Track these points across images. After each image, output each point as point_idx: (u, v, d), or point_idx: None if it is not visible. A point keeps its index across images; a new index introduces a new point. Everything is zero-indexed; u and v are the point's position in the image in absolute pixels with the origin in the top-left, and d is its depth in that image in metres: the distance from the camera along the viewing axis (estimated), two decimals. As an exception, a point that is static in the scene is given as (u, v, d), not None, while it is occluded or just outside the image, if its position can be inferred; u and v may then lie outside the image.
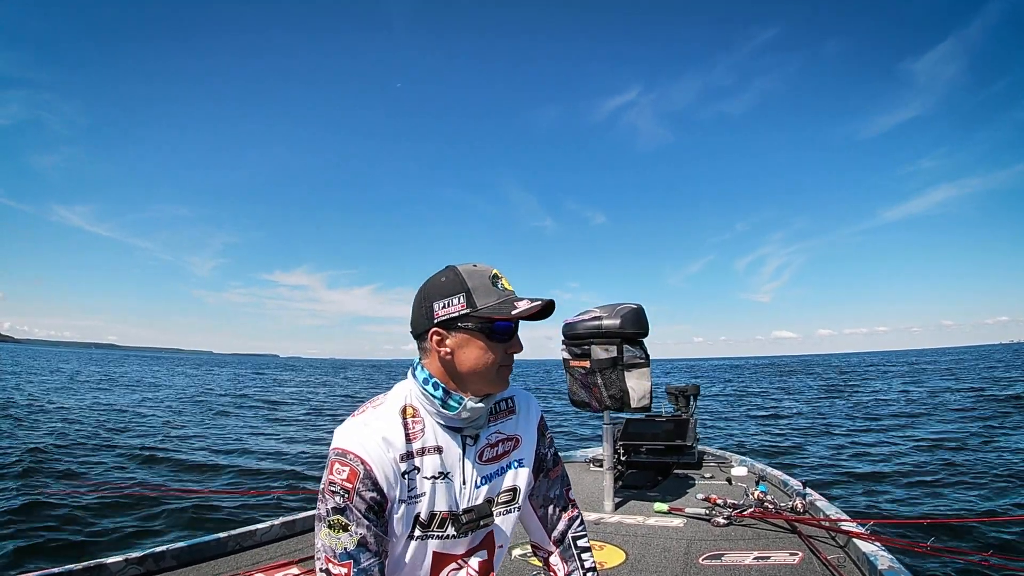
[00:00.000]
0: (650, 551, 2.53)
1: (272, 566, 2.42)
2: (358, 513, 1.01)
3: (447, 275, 1.12)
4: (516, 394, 1.29)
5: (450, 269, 1.13)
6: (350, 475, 1.02)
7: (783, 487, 3.49)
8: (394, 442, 1.07)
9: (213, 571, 2.37)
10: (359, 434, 1.06)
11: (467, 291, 1.09)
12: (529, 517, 1.31)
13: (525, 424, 1.27)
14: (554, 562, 1.31)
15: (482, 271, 1.12)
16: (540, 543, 1.33)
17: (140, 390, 25.20)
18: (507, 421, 1.25)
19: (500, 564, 1.29)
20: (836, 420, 12.46)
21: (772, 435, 11.08)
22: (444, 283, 1.11)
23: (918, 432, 9.86)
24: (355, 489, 1.01)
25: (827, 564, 2.19)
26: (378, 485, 1.03)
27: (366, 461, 1.03)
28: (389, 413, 1.11)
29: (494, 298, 1.08)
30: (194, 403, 20.39)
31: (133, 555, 2.32)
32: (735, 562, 2.32)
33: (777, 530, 2.72)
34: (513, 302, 1.08)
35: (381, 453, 1.05)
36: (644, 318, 3.33)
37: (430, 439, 1.12)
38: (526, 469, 1.25)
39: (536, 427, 1.29)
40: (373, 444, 1.05)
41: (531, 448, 1.27)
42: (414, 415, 1.13)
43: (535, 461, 1.28)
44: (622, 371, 3.23)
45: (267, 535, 2.80)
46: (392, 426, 1.09)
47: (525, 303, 1.08)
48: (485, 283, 1.10)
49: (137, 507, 6.13)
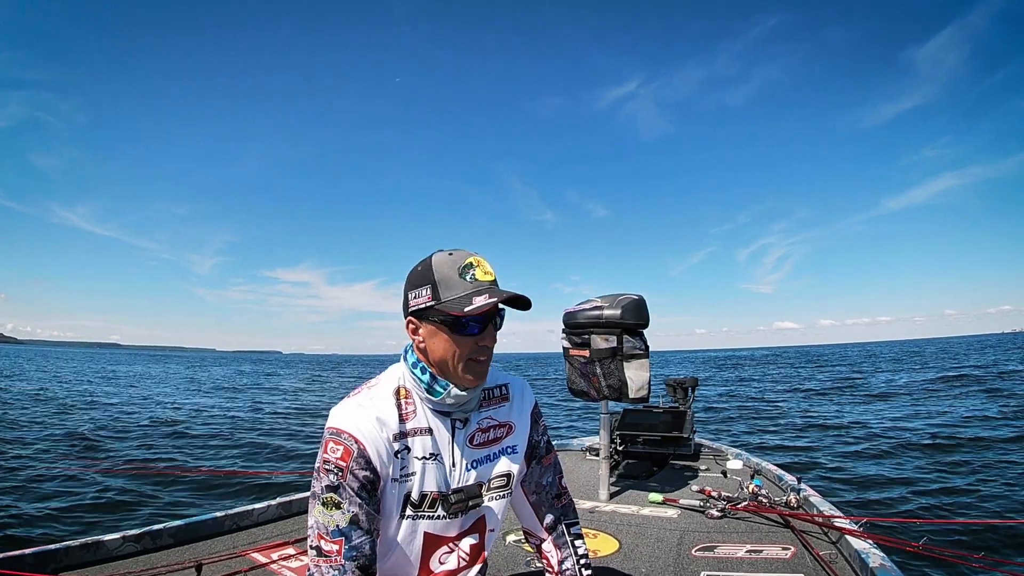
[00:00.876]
0: (644, 541, 2.55)
1: (269, 546, 2.43)
2: (351, 491, 1.03)
3: (423, 264, 1.12)
4: (511, 381, 1.30)
5: (429, 257, 1.12)
6: (344, 454, 1.04)
7: (778, 482, 3.50)
8: (388, 422, 1.10)
9: (210, 550, 2.38)
10: (354, 414, 1.08)
11: (432, 283, 1.08)
12: (521, 504, 1.33)
13: (519, 411, 1.28)
14: (547, 549, 1.32)
15: (453, 261, 1.09)
16: (532, 530, 1.35)
17: (151, 384, 25.82)
18: (500, 407, 1.26)
19: (491, 548, 1.31)
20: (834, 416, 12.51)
21: (768, 429, 11.13)
22: (418, 272, 1.11)
23: (918, 428, 9.89)
24: (349, 468, 1.04)
25: (819, 560, 2.20)
26: (371, 464, 1.05)
27: (360, 440, 1.05)
28: (383, 394, 1.14)
29: (458, 291, 1.07)
30: (198, 392, 20.72)
31: (130, 532, 2.34)
32: (727, 554, 2.34)
33: (770, 524, 2.74)
34: (472, 296, 1.06)
35: (375, 432, 1.07)
36: (645, 309, 3.32)
37: (421, 420, 1.14)
38: (519, 456, 1.27)
39: (530, 414, 1.30)
40: (367, 424, 1.07)
41: (524, 435, 1.29)
42: (407, 396, 1.15)
43: (528, 448, 1.30)
44: (621, 361, 3.23)
45: (264, 515, 2.82)
46: (386, 407, 1.12)
47: (482, 299, 1.05)
48: (452, 274, 1.08)
49: (135, 484, 6.20)
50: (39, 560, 2.05)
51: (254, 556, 2.33)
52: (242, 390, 23.48)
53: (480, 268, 1.10)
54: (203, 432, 10.78)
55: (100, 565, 2.18)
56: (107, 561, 2.21)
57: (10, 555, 2.00)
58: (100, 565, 2.18)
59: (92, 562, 2.19)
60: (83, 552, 2.18)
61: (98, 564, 2.19)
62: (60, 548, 2.13)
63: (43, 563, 2.06)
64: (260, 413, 14.57)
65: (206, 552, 2.35)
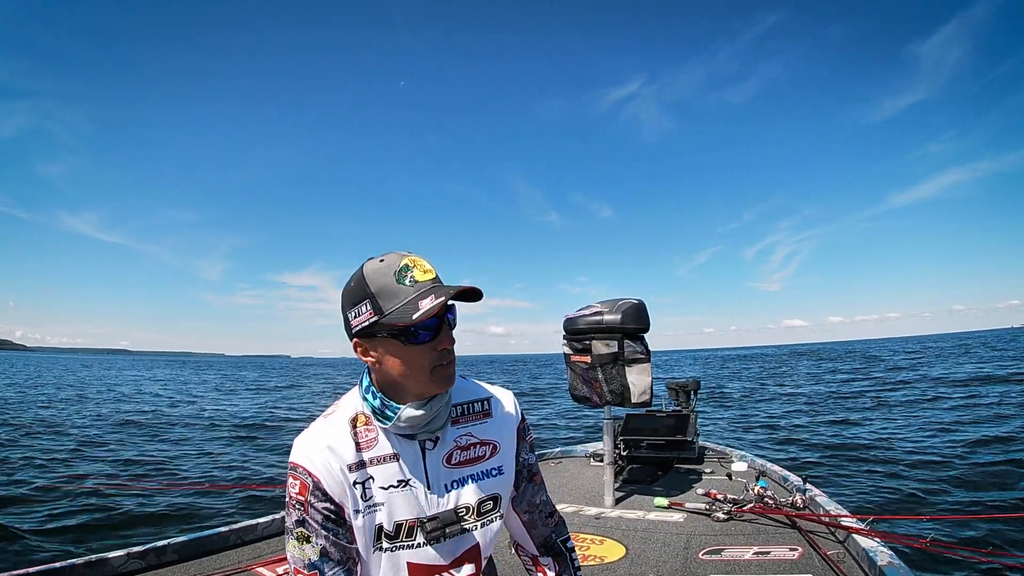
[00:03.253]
0: (650, 546, 2.54)
1: (273, 560, 2.42)
2: (315, 524, 1.02)
3: (355, 278, 1.01)
4: (492, 395, 1.19)
5: (359, 268, 1.01)
6: (301, 488, 1.02)
7: (783, 482, 3.49)
8: (341, 452, 1.03)
9: (215, 565, 2.37)
10: (306, 445, 1.04)
11: (371, 296, 0.98)
12: (513, 521, 1.26)
13: (503, 428, 1.17)
14: (545, 562, 1.27)
15: (387, 267, 0.99)
16: (523, 545, 1.30)
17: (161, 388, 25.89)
18: (481, 424, 1.15)
19: (495, 555, 1.28)
20: (836, 414, 12.47)
21: (773, 428, 11.09)
22: (352, 289, 1.01)
23: (919, 426, 9.87)
24: (308, 501, 1.01)
25: (827, 559, 2.19)
26: (328, 495, 1.02)
27: (312, 473, 1.01)
28: (338, 423, 1.07)
29: (400, 299, 0.96)
30: (208, 399, 20.68)
31: (135, 549, 2.33)
32: (735, 557, 2.33)
33: (777, 525, 2.73)
34: (417, 301, 0.95)
35: (327, 464, 1.02)
36: (645, 313, 3.32)
37: (384, 447, 1.06)
38: (507, 478, 1.17)
39: (515, 431, 1.19)
40: (318, 455, 1.03)
41: (511, 455, 1.18)
42: (367, 423, 1.07)
43: (518, 468, 1.20)
44: (623, 366, 3.23)
45: (268, 529, 2.81)
46: (339, 436, 1.05)
47: (429, 301, 0.95)
48: (389, 282, 0.97)
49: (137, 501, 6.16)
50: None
51: (259, 571, 2.31)
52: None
53: (418, 268, 0.99)
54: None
55: None
56: None
57: (14, 574, 1.99)
58: None
59: None
60: (87, 570, 2.16)
61: None
62: (64, 566, 2.11)
63: None
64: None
65: (211, 568, 2.34)
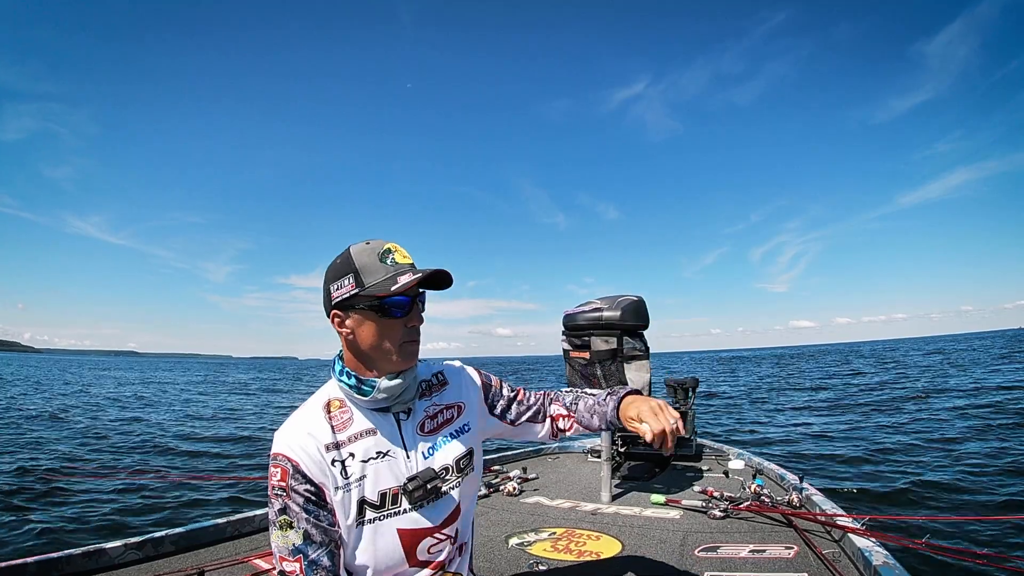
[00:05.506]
0: (646, 542, 2.54)
1: (270, 552, 2.42)
2: (297, 508, 1.06)
3: (341, 257, 1.14)
4: (444, 368, 1.32)
5: (345, 250, 1.14)
6: (282, 474, 1.07)
7: (780, 481, 3.50)
8: (317, 434, 1.11)
9: (212, 557, 2.38)
10: (284, 435, 1.11)
11: (355, 271, 1.10)
12: (528, 433, 1.37)
13: (461, 389, 1.30)
14: (571, 408, 1.36)
15: (372, 249, 1.12)
16: (547, 428, 1.38)
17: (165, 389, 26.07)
18: (441, 392, 1.28)
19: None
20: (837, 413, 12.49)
21: (771, 427, 11.11)
22: (337, 265, 1.13)
23: (918, 426, 9.88)
24: (289, 486, 1.07)
25: (822, 558, 2.19)
26: (308, 477, 1.07)
27: (291, 458, 1.08)
28: (312, 409, 1.16)
29: (380, 275, 1.09)
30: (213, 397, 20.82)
31: (132, 540, 2.33)
32: (730, 554, 2.33)
33: (773, 524, 2.73)
34: (396, 276, 1.09)
35: (305, 445, 1.09)
36: (644, 310, 3.32)
37: (361, 423, 1.15)
38: (474, 433, 1.29)
39: (476, 385, 1.33)
40: (296, 440, 1.09)
41: (475, 410, 1.31)
42: (341, 406, 1.17)
43: (493, 401, 1.33)
44: (621, 363, 3.23)
45: (265, 521, 2.80)
46: (315, 420, 1.14)
47: (406, 277, 1.08)
48: (372, 261, 1.10)
49: (136, 492, 6.19)
50: (41, 568, 2.05)
51: (256, 562, 2.32)
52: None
53: (398, 252, 1.13)
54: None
55: (102, 573, 2.17)
56: (109, 569, 2.21)
57: (12, 564, 2.00)
58: (102, 573, 2.17)
59: (94, 570, 2.18)
60: (85, 560, 2.17)
61: (100, 572, 2.18)
62: (62, 556, 2.12)
63: (45, 571, 2.05)
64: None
65: (208, 559, 2.34)
